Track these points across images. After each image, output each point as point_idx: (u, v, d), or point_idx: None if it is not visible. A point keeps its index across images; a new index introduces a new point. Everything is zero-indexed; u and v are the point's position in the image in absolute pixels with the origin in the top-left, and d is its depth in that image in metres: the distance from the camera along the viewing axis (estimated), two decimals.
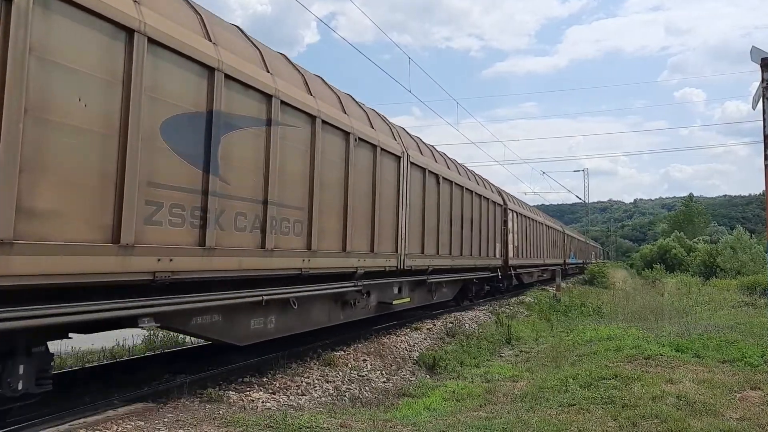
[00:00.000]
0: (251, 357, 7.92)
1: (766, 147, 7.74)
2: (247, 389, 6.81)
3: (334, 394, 7.38)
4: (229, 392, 6.56)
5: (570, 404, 6.16)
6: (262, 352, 8.08)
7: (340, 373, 8.12)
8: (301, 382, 7.41)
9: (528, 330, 13.89)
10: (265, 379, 7.27)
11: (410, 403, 7.09)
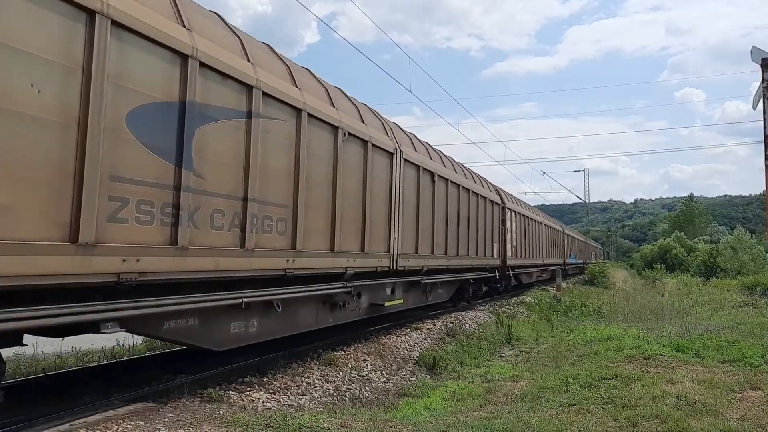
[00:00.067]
0: (251, 357, 7.83)
1: (767, 147, 7.77)
2: (248, 389, 6.79)
3: (335, 394, 7.36)
4: (230, 392, 6.55)
5: (570, 404, 6.17)
6: (263, 352, 8.01)
7: (341, 373, 8.10)
8: (302, 382, 7.38)
9: (528, 330, 13.79)
10: (265, 379, 7.25)
11: (410, 403, 7.07)
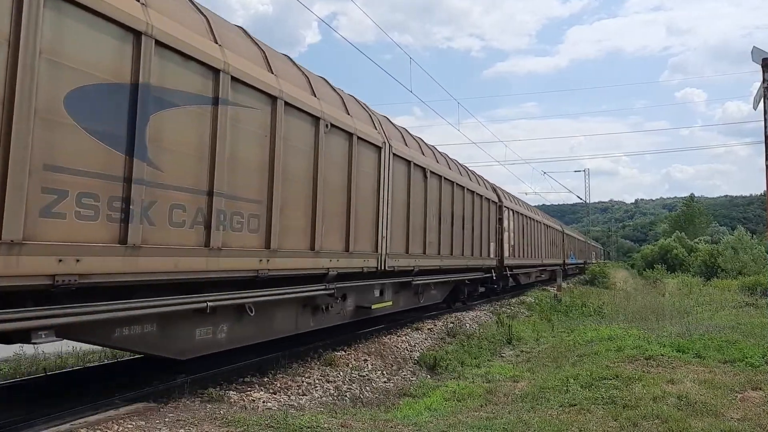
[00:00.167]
0: (252, 357, 7.76)
1: None
2: (248, 389, 6.77)
3: (335, 394, 7.34)
4: (230, 392, 6.53)
5: (571, 404, 6.18)
6: (263, 352, 7.98)
7: (341, 373, 8.06)
8: (302, 382, 7.36)
9: (529, 330, 13.66)
10: (265, 379, 7.23)
11: (411, 403, 7.05)
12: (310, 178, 7.59)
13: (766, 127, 7.95)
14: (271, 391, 6.85)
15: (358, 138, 8.92)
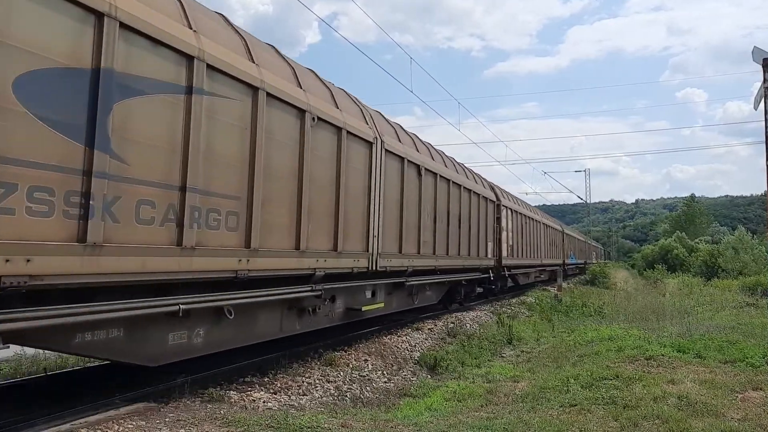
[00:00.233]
0: (252, 357, 7.73)
1: None
2: (249, 389, 6.76)
3: (336, 394, 7.33)
4: (231, 392, 6.52)
5: (571, 404, 6.18)
6: (263, 352, 7.95)
7: (342, 373, 8.05)
8: (303, 382, 7.34)
9: (529, 330, 13.55)
10: (266, 379, 7.21)
11: (411, 403, 7.04)
12: (295, 174, 7.22)
13: (766, 128, 7.90)
14: (272, 391, 6.80)
15: (348, 132, 8.53)
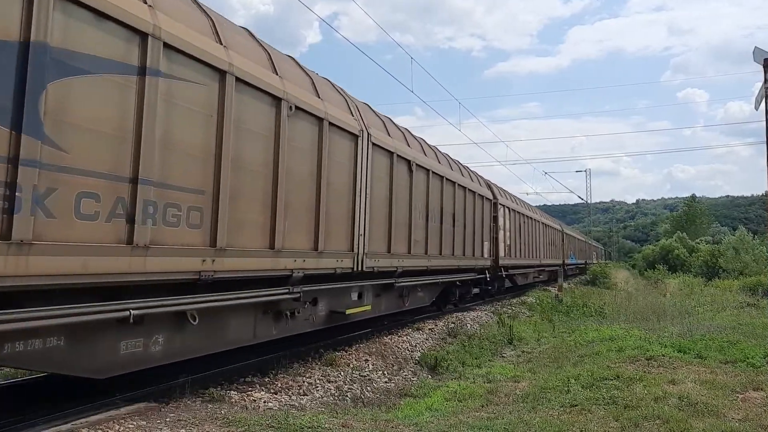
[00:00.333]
0: (253, 357, 7.72)
1: None
2: (249, 389, 6.76)
3: (336, 394, 7.31)
4: (231, 392, 6.52)
5: (572, 405, 6.18)
6: (264, 352, 7.95)
7: (342, 373, 8.05)
8: (303, 382, 7.34)
9: (530, 330, 13.57)
10: (266, 379, 7.22)
11: (412, 403, 7.04)
12: (270, 167, 6.66)
13: (767, 128, 8.01)
14: (272, 391, 6.78)
15: (330, 124, 7.97)
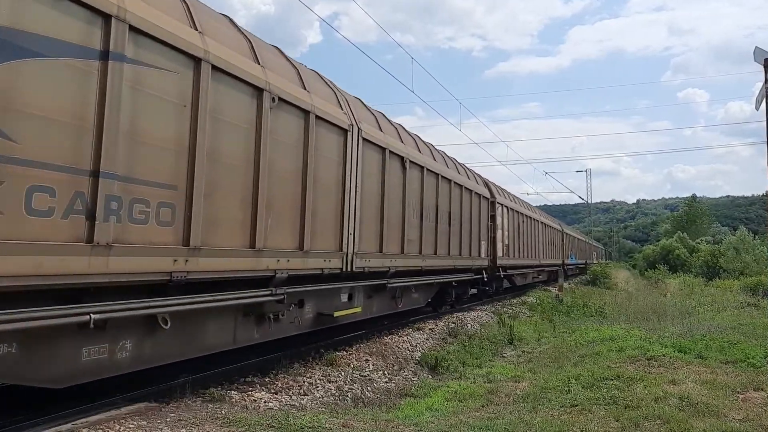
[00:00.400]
0: (253, 357, 7.72)
1: None
2: (250, 389, 6.76)
3: (337, 394, 7.31)
4: (232, 392, 6.52)
5: (572, 405, 6.18)
6: (264, 352, 7.94)
7: (343, 373, 8.04)
8: (304, 382, 7.34)
9: (530, 330, 13.54)
10: (267, 379, 7.22)
11: (412, 403, 7.03)
12: (251, 162, 6.34)
13: None
14: (273, 391, 6.77)
15: (317, 117, 7.63)
